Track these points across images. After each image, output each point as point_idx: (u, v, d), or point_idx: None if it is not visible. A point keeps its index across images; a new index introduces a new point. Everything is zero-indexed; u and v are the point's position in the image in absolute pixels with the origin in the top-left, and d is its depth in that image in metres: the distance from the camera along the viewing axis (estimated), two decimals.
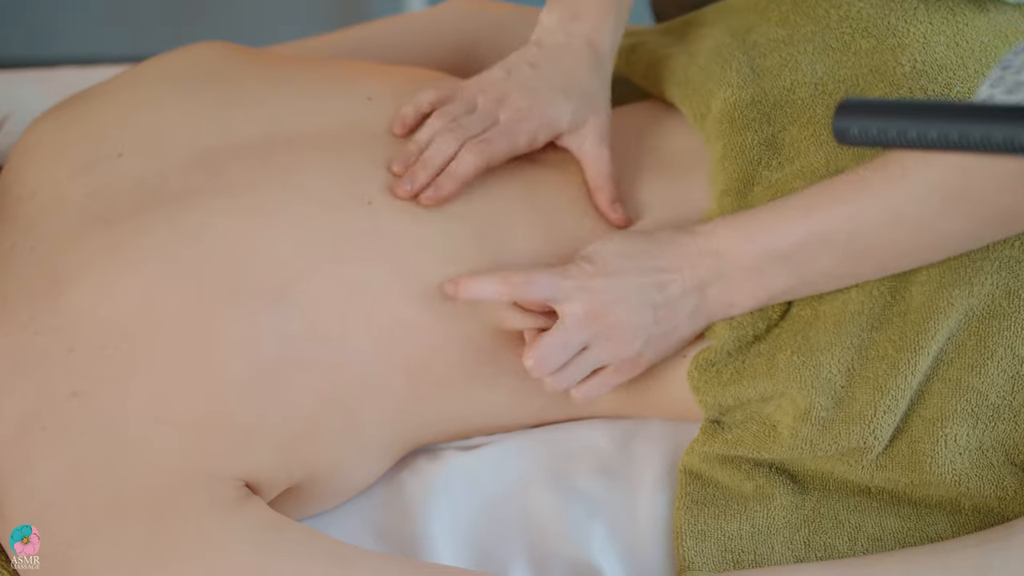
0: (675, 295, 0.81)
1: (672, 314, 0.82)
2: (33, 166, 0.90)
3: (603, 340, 0.81)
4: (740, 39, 0.92)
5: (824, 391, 0.80)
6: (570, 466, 0.88)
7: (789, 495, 0.84)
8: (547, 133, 0.87)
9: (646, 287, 0.80)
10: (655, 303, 0.81)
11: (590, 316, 0.80)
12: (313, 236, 0.82)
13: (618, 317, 0.80)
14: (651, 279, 0.81)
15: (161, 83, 0.92)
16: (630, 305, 0.80)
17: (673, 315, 0.82)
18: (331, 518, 0.87)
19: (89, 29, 1.58)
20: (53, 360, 0.79)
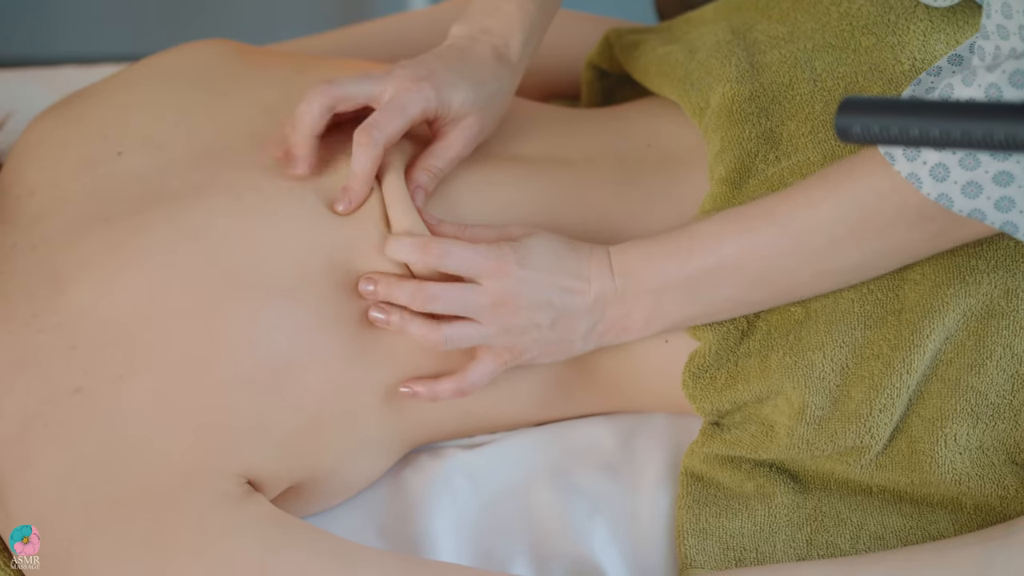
0: (579, 306, 0.81)
1: (569, 325, 0.81)
2: (33, 165, 0.90)
3: (498, 320, 0.80)
4: (740, 36, 0.92)
5: (818, 390, 0.80)
6: (572, 464, 0.88)
7: (790, 494, 0.84)
8: (438, 106, 0.84)
9: (555, 289, 0.80)
10: (557, 308, 0.80)
11: (495, 298, 0.79)
12: (314, 234, 0.82)
13: (517, 307, 0.80)
14: (562, 283, 0.80)
15: (160, 81, 0.92)
16: (535, 300, 0.80)
17: (570, 326, 0.81)
18: (334, 516, 0.87)
19: (91, 28, 1.58)
20: (55, 358, 0.79)
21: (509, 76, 0.88)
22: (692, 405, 0.85)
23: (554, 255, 0.81)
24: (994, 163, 0.68)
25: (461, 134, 0.85)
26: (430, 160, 0.85)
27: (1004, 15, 0.67)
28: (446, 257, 0.80)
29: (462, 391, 0.82)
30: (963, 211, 0.70)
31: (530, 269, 0.80)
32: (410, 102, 0.82)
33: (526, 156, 0.91)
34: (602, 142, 0.93)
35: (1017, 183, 0.68)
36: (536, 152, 0.92)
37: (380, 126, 0.81)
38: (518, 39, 0.88)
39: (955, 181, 0.70)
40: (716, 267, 0.79)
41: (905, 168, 0.71)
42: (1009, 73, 0.66)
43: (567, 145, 0.93)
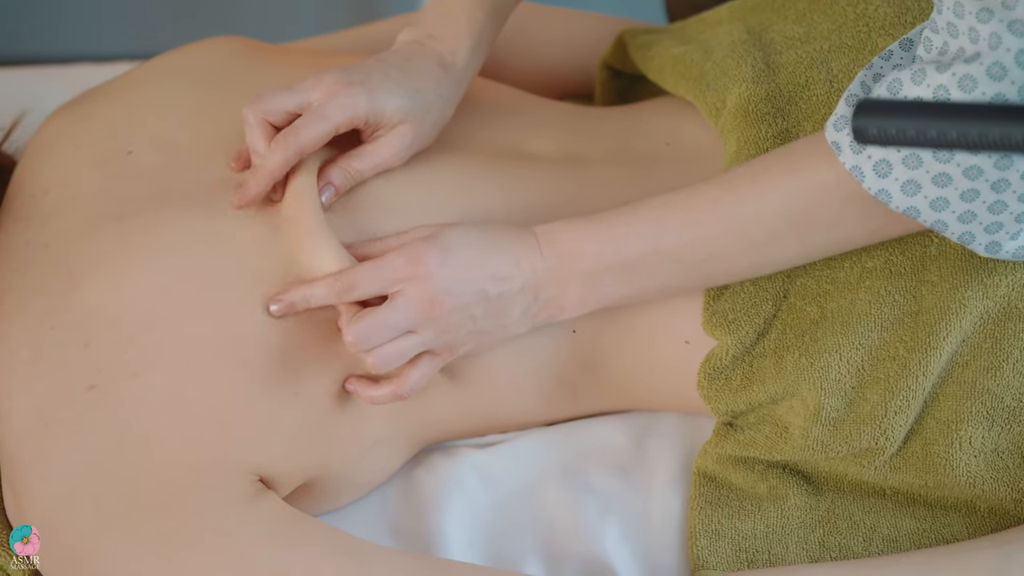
0: (510, 292, 0.79)
1: (504, 311, 0.80)
2: (46, 163, 0.90)
3: (431, 324, 0.78)
4: (756, 36, 0.91)
5: (834, 392, 0.80)
6: (584, 464, 0.88)
7: (803, 496, 0.84)
8: (368, 112, 0.81)
9: (483, 280, 0.78)
10: (491, 297, 0.78)
11: (423, 305, 0.77)
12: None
13: (450, 306, 0.78)
14: (489, 273, 0.78)
15: (172, 80, 0.92)
16: (464, 297, 0.78)
17: (505, 312, 0.80)
18: (346, 514, 0.87)
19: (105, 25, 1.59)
20: (69, 354, 0.79)
21: (452, 84, 0.86)
22: (707, 406, 0.84)
23: (477, 243, 0.79)
24: (936, 164, 0.69)
25: (392, 141, 0.83)
26: (351, 161, 0.83)
27: (956, 14, 0.68)
28: (354, 290, 0.77)
29: (400, 396, 0.80)
30: (900, 207, 0.71)
31: (454, 265, 0.78)
32: (335, 108, 0.80)
33: (544, 154, 0.91)
34: (619, 140, 0.93)
35: (954, 185, 0.69)
36: (553, 150, 0.92)
37: (298, 131, 0.79)
38: (465, 46, 0.86)
39: (896, 178, 0.70)
40: (654, 254, 0.78)
41: (850, 160, 0.72)
42: (959, 77, 0.67)
43: (584, 143, 0.92)
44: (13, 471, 0.79)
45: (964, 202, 0.70)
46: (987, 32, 0.66)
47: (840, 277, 0.82)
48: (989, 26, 0.65)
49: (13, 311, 0.83)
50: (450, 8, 0.87)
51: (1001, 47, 0.65)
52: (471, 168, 0.88)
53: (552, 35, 1.14)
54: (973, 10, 0.66)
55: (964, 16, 0.67)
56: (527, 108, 0.97)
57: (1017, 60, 0.65)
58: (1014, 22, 0.65)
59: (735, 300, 0.83)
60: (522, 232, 0.80)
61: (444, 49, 0.86)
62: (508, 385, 0.87)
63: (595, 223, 0.79)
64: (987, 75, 0.66)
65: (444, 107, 0.86)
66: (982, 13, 0.66)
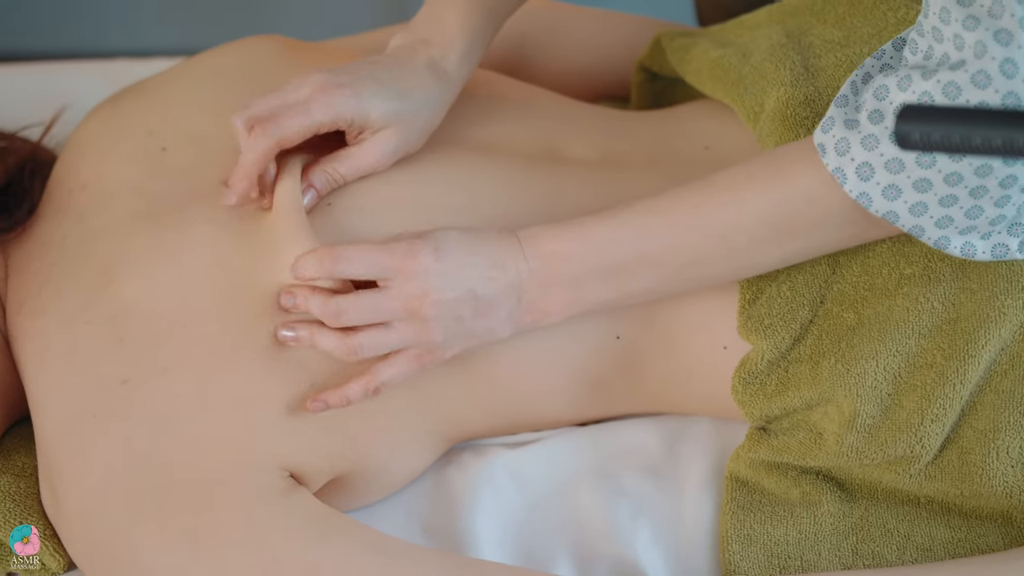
0: (497, 293, 0.78)
1: (490, 312, 0.79)
2: (84, 159, 0.91)
3: (416, 322, 0.77)
4: (795, 40, 0.91)
5: (870, 399, 0.80)
6: (616, 466, 0.88)
7: (837, 502, 0.83)
8: (353, 114, 0.81)
9: (475, 276, 0.77)
10: (480, 295, 0.78)
11: (409, 299, 0.77)
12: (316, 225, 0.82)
13: (438, 303, 0.77)
14: (478, 272, 0.77)
15: (209, 78, 0.93)
16: (453, 294, 0.77)
17: (490, 313, 0.79)
18: (377, 511, 0.87)
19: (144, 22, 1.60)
20: (104, 349, 0.80)
21: (442, 89, 0.85)
22: (741, 410, 0.84)
23: (465, 244, 0.78)
24: (917, 169, 0.69)
25: (376, 146, 0.82)
26: (333, 163, 0.83)
27: (942, 20, 0.67)
28: (342, 261, 0.76)
29: (371, 391, 0.79)
30: (879, 211, 0.72)
31: (446, 262, 0.77)
32: (319, 106, 0.80)
33: (582, 158, 0.91)
34: (658, 144, 0.93)
35: (934, 191, 0.70)
36: (591, 154, 0.92)
37: (278, 122, 0.79)
38: (457, 51, 0.85)
39: (877, 182, 0.71)
40: (636, 259, 0.78)
41: (833, 162, 0.72)
42: (944, 84, 0.67)
43: (623, 146, 0.92)
44: (50, 464, 0.80)
45: (942, 207, 0.70)
46: (972, 40, 0.66)
47: (878, 283, 0.81)
48: (975, 34, 0.65)
49: (50, 305, 0.84)
50: (443, 13, 0.86)
51: (986, 56, 0.65)
52: (511, 172, 0.88)
53: (587, 36, 1.14)
54: (959, 17, 0.66)
55: (950, 22, 0.67)
56: (563, 110, 0.97)
57: (1002, 69, 0.65)
58: (1000, 31, 0.65)
59: (771, 305, 0.82)
60: (504, 234, 0.79)
61: (436, 54, 0.85)
62: (543, 387, 0.87)
63: (578, 227, 0.79)
64: (971, 83, 0.66)
65: (432, 112, 0.85)
66: (968, 20, 0.66)
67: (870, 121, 0.71)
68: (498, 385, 0.86)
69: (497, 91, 0.97)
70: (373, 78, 0.82)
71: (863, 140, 0.71)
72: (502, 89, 0.97)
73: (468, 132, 0.91)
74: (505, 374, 0.85)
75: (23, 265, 0.88)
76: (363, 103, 0.80)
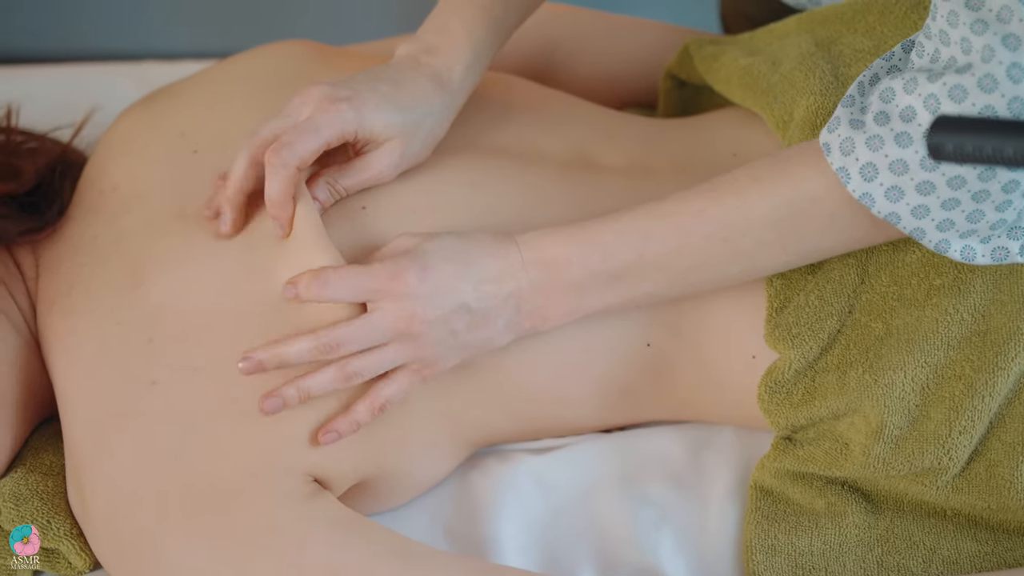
0: (492, 305, 0.77)
1: (488, 323, 0.78)
2: (116, 160, 0.92)
3: (409, 340, 0.77)
4: (825, 48, 0.91)
5: (897, 409, 0.79)
6: (641, 473, 0.88)
7: (862, 514, 0.83)
8: (357, 128, 0.80)
9: (463, 293, 0.77)
10: (471, 311, 0.77)
11: (400, 320, 0.76)
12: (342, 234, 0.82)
13: (429, 322, 0.76)
14: (470, 286, 0.77)
15: (239, 82, 0.93)
16: (445, 311, 0.76)
17: (487, 324, 0.78)
18: (400, 516, 0.87)
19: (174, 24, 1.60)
20: (133, 349, 0.80)
21: (446, 100, 0.84)
22: (767, 419, 0.84)
23: (457, 255, 0.77)
24: (921, 172, 0.69)
25: (380, 158, 0.82)
26: (338, 176, 0.82)
27: (949, 23, 0.67)
28: (327, 287, 0.76)
29: (377, 409, 0.78)
30: (881, 212, 0.71)
31: (433, 280, 0.76)
32: (326, 123, 0.79)
33: (613, 165, 0.91)
34: (687, 151, 0.92)
35: (936, 194, 0.69)
36: (622, 161, 0.91)
37: (292, 146, 0.78)
38: (463, 62, 0.85)
39: (881, 183, 0.70)
40: (640, 263, 0.77)
41: (838, 161, 0.72)
42: (950, 87, 0.67)
43: (653, 154, 0.92)
44: (77, 462, 0.80)
45: (944, 211, 0.70)
46: (980, 44, 0.66)
47: (907, 294, 0.81)
48: (983, 38, 0.65)
49: (81, 305, 0.84)
50: (449, 22, 0.86)
51: (994, 60, 0.65)
52: (544, 178, 0.88)
53: (616, 43, 1.14)
54: (967, 21, 0.66)
55: (958, 25, 0.67)
56: (595, 117, 0.97)
57: (1008, 74, 0.65)
58: (1008, 36, 0.65)
59: (799, 314, 0.82)
60: (503, 241, 0.79)
61: (440, 64, 0.84)
62: (572, 394, 0.87)
63: (581, 231, 0.78)
64: (978, 87, 0.66)
65: (436, 123, 0.84)
66: (976, 24, 0.66)
67: (875, 123, 0.70)
68: (527, 392, 0.86)
69: (529, 98, 0.97)
70: (374, 90, 0.81)
71: (868, 141, 0.70)
72: (534, 96, 0.98)
73: (501, 138, 0.91)
74: (535, 382, 0.85)
75: (53, 265, 0.88)
76: (364, 117, 0.80)
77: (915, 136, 0.69)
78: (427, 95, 0.83)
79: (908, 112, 0.69)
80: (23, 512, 0.81)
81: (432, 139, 0.85)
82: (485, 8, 0.86)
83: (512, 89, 0.97)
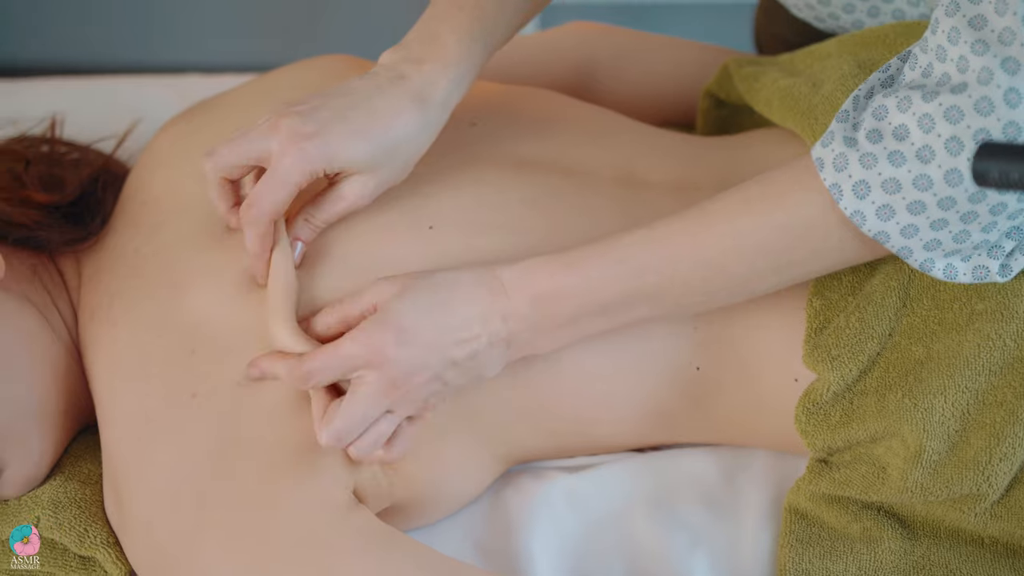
0: (479, 351, 0.76)
1: (476, 367, 0.77)
2: (157, 173, 0.93)
3: (403, 402, 0.76)
4: (867, 70, 0.90)
5: (937, 434, 0.79)
6: (674, 494, 0.87)
7: (898, 540, 0.82)
8: (325, 165, 0.78)
9: (447, 348, 0.75)
10: (457, 361, 0.76)
11: (388, 388, 0.74)
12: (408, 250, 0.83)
13: (417, 383, 0.75)
14: (452, 340, 0.75)
15: (277, 96, 0.94)
16: (430, 371, 0.75)
17: (477, 368, 0.77)
18: (434, 531, 0.87)
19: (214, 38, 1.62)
20: (175, 361, 0.81)
21: (426, 120, 0.81)
22: (803, 440, 0.83)
23: (434, 309, 0.75)
24: (913, 191, 0.69)
25: (353, 188, 0.80)
26: (314, 211, 0.81)
27: (950, 40, 0.67)
28: (311, 379, 0.75)
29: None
30: (871, 231, 0.71)
31: (413, 344, 0.74)
32: (290, 170, 0.77)
33: (658, 181, 0.91)
34: (730, 170, 0.92)
35: (926, 214, 0.69)
36: (667, 178, 0.91)
37: (260, 204, 0.78)
38: (450, 77, 0.81)
39: (872, 201, 0.70)
40: (633, 295, 0.76)
41: (830, 177, 0.71)
42: (945, 108, 0.67)
43: (697, 172, 0.92)
44: (116, 471, 0.81)
45: (932, 231, 0.70)
46: (979, 65, 0.65)
47: (948, 318, 0.80)
48: (982, 59, 0.65)
49: (121, 316, 0.85)
50: (439, 32, 0.82)
51: (992, 83, 0.65)
52: (593, 195, 0.87)
53: (656, 62, 1.14)
54: (968, 40, 0.66)
55: (958, 43, 0.66)
56: (641, 135, 0.97)
57: (1006, 98, 0.65)
58: (1007, 59, 0.64)
59: (840, 336, 0.81)
60: (484, 278, 0.77)
61: (423, 80, 0.81)
62: (612, 416, 0.86)
63: (570, 263, 0.76)
64: (974, 109, 0.66)
65: (414, 147, 0.81)
66: (977, 45, 0.65)
67: (868, 140, 0.70)
68: (566, 415, 0.86)
69: (574, 113, 0.97)
70: (344, 122, 0.78)
71: (861, 158, 0.70)
72: (578, 111, 0.98)
73: (551, 153, 0.91)
74: (580, 404, 0.85)
75: (96, 275, 0.89)
76: (333, 154, 0.78)
77: (908, 155, 0.68)
78: (405, 118, 0.80)
79: (901, 131, 0.69)
80: (61, 519, 0.82)
81: (410, 162, 0.83)
82: (476, 20, 0.83)
83: (556, 105, 0.97)
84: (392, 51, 0.83)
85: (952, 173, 0.67)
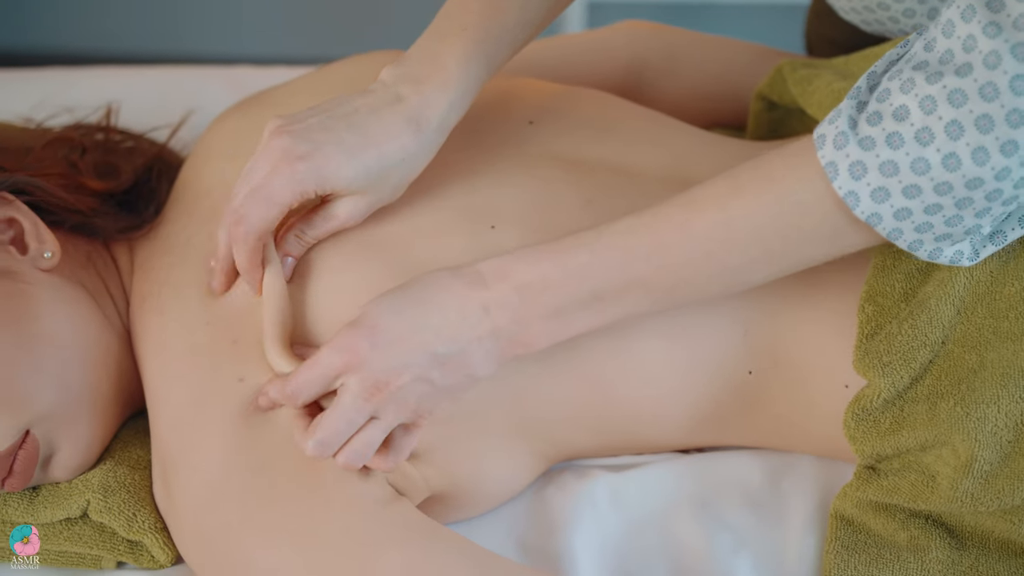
0: (463, 345, 0.74)
1: (463, 364, 0.75)
2: (209, 165, 0.94)
3: (389, 406, 0.75)
4: None
5: (989, 444, 0.78)
6: (719, 497, 0.87)
7: (946, 549, 0.81)
8: (316, 187, 0.79)
9: (426, 344, 0.74)
10: (440, 357, 0.74)
11: (370, 391, 0.74)
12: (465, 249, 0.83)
13: (401, 384, 0.74)
14: (429, 334, 0.74)
15: (329, 92, 0.94)
16: (411, 369, 0.74)
17: (464, 364, 0.75)
18: (475, 525, 0.87)
19: (268, 30, 1.63)
20: (220, 348, 0.82)
21: (421, 143, 0.80)
22: (852, 446, 0.83)
23: (408, 307, 0.74)
24: (910, 175, 0.67)
25: (345, 208, 0.81)
26: (306, 228, 0.82)
27: (963, 17, 0.65)
28: (299, 397, 0.75)
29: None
30: (864, 213, 0.69)
31: (387, 342, 0.73)
32: (280, 191, 0.78)
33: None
34: None
35: (921, 198, 0.67)
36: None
37: (247, 221, 0.78)
38: (448, 98, 0.80)
39: (868, 183, 0.68)
40: (622, 284, 0.74)
41: (828, 155, 0.69)
42: (949, 90, 0.65)
43: None
44: (165, 457, 0.82)
45: (926, 215, 0.68)
46: (988, 47, 0.64)
47: (1003, 328, 0.79)
48: (993, 42, 0.64)
49: (170, 304, 0.86)
50: (441, 53, 0.81)
51: (999, 68, 0.63)
52: (645, 196, 0.87)
53: (707, 63, 1.13)
54: (982, 20, 0.64)
55: (970, 22, 0.65)
56: (686, 135, 0.96)
57: (1011, 85, 0.63)
58: (1018, 45, 0.63)
59: (891, 342, 0.81)
60: (461, 272, 0.75)
61: (421, 102, 0.80)
62: (660, 417, 0.86)
63: (556, 252, 0.74)
64: (979, 94, 0.64)
65: (408, 168, 0.81)
66: (990, 27, 0.64)
67: (868, 123, 0.68)
68: (616, 414, 0.85)
69: (624, 113, 0.97)
70: (338, 144, 0.78)
71: (860, 141, 0.68)
72: (628, 111, 0.97)
73: (602, 152, 0.91)
74: (627, 406, 0.85)
75: (147, 263, 0.90)
76: (324, 176, 0.78)
77: (907, 136, 0.67)
78: (400, 142, 0.79)
79: (901, 111, 0.67)
80: (110, 503, 0.83)
81: (403, 183, 0.82)
82: (479, 42, 0.82)
83: (611, 106, 0.97)
84: (392, 67, 0.82)
85: (950, 157, 0.66)
